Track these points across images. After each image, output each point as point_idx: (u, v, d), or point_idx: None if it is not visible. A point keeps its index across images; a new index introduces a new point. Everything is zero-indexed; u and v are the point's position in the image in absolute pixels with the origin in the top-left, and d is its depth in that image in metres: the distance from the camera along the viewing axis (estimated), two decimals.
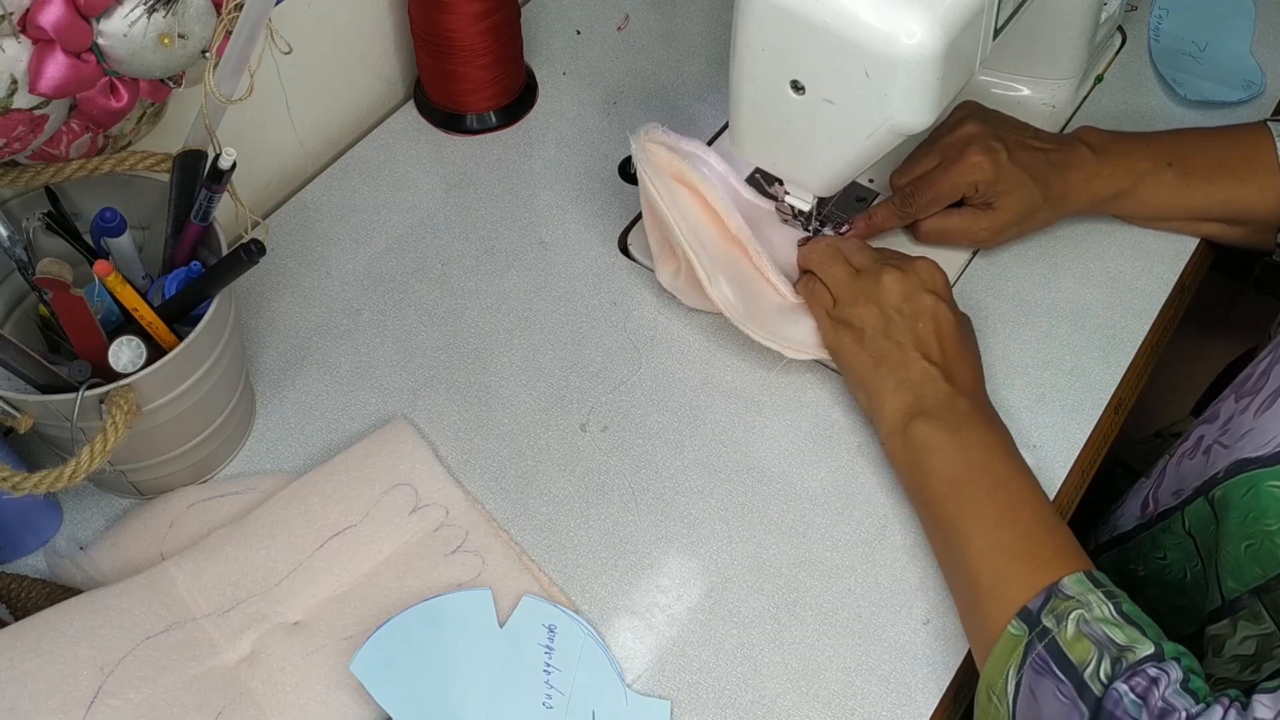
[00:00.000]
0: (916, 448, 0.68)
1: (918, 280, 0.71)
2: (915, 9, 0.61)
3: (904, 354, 0.70)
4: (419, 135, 0.91)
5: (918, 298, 0.71)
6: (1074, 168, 0.79)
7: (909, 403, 0.69)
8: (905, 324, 0.70)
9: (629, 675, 0.65)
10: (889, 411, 0.70)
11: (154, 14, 0.56)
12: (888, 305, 0.71)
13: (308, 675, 0.62)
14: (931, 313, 0.70)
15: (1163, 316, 0.81)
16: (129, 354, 0.60)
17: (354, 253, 0.83)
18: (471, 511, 0.70)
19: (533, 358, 0.78)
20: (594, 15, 1.00)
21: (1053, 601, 0.59)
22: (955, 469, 0.66)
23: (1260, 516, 0.62)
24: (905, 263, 0.72)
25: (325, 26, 0.84)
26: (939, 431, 0.67)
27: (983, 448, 0.66)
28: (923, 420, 0.68)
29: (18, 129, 0.56)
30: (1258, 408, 0.65)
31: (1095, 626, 0.57)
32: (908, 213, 0.79)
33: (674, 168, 0.75)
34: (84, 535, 0.69)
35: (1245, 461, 0.63)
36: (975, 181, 0.76)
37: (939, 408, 0.68)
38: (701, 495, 0.72)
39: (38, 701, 0.58)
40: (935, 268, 0.72)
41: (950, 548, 0.66)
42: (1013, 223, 0.78)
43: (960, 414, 0.67)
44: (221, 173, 0.62)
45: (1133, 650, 0.56)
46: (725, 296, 0.74)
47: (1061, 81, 0.89)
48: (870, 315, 0.71)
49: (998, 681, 0.60)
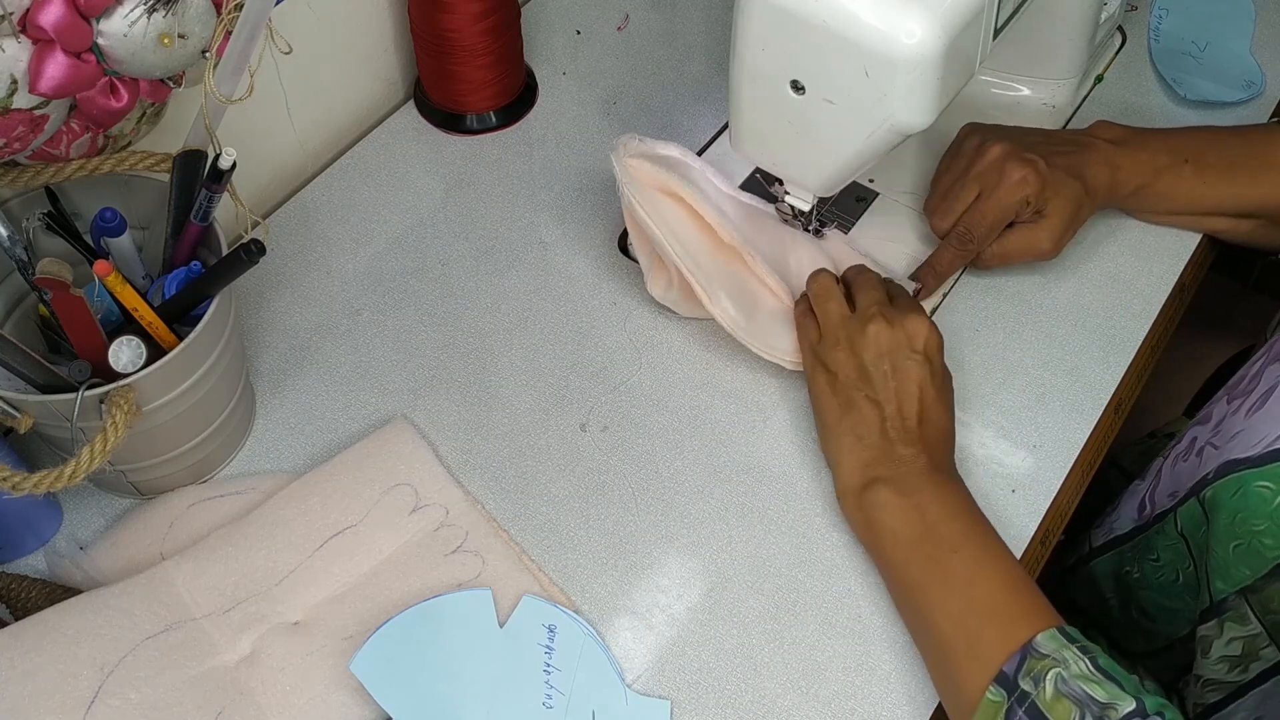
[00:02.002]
0: (872, 509, 0.66)
1: (904, 337, 0.69)
2: (915, 9, 0.61)
3: (870, 410, 0.68)
4: (419, 135, 0.91)
5: (898, 355, 0.68)
6: (1099, 162, 0.79)
7: (865, 462, 0.67)
8: (879, 380, 0.68)
9: (629, 675, 0.65)
10: (846, 467, 0.69)
11: (154, 14, 0.56)
12: (866, 357, 0.69)
13: (308, 675, 0.62)
14: (909, 374, 0.68)
15: (1163, 316, 0.81)
16: (129, 354, 0.60)
17: (354, 253, 0.83)
18: (471, 511, 0.70)
19: (533, 358, 0.78)
20: (594, 15, 1.00)
21: (1029, 662, 0.58)
22: (914, 531, 0.64)
23: (1249, 517, 0.62)
24: (898, 317, 0.70)
25: (325, 26, 0.84)
26: (894, 495, 0.65)
27: (942, 507, 0.65)
28: (879, 484, 0.66)
29: (18, 129, 0.56)
30: (1249, 409, 0.65)
31: (1074, 684, 0.56)
32: (970, 249, 0.78)
33: (658, 180, 0.74)
34: (84, 535, 0.69)
35: (1235, 462, 0.63)
36: (1026, 196, 0.76)
37: (895, 471, 0.66)
38: (701, 495, 0.72)
39: (38, 701, 0.58)
40: (928, 327, 0.70)
41: (917, 612, 0.64)
42: (1068, 224, 0.78)
43: (917, 474, 0.66)
44: (221, 173, 0.62)
45: (1115, 708, 0.55)
46: (727, 312, 0.74)
47: (1061, 81, 0.90)
48: (847, 362, 0.69)
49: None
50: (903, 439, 0.67)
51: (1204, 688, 0.69)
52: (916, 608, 0.64)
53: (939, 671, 0.63)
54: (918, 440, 0.67)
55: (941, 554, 0.63)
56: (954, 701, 0.61)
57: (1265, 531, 0.61)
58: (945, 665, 0.62)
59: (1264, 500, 0.61)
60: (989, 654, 0.59)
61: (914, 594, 0.64)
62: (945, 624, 0.61)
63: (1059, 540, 0.76)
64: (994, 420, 0.75)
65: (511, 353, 0.78)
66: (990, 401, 0.76)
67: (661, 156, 0.76)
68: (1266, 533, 0.61)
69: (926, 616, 0.63)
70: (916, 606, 0.64)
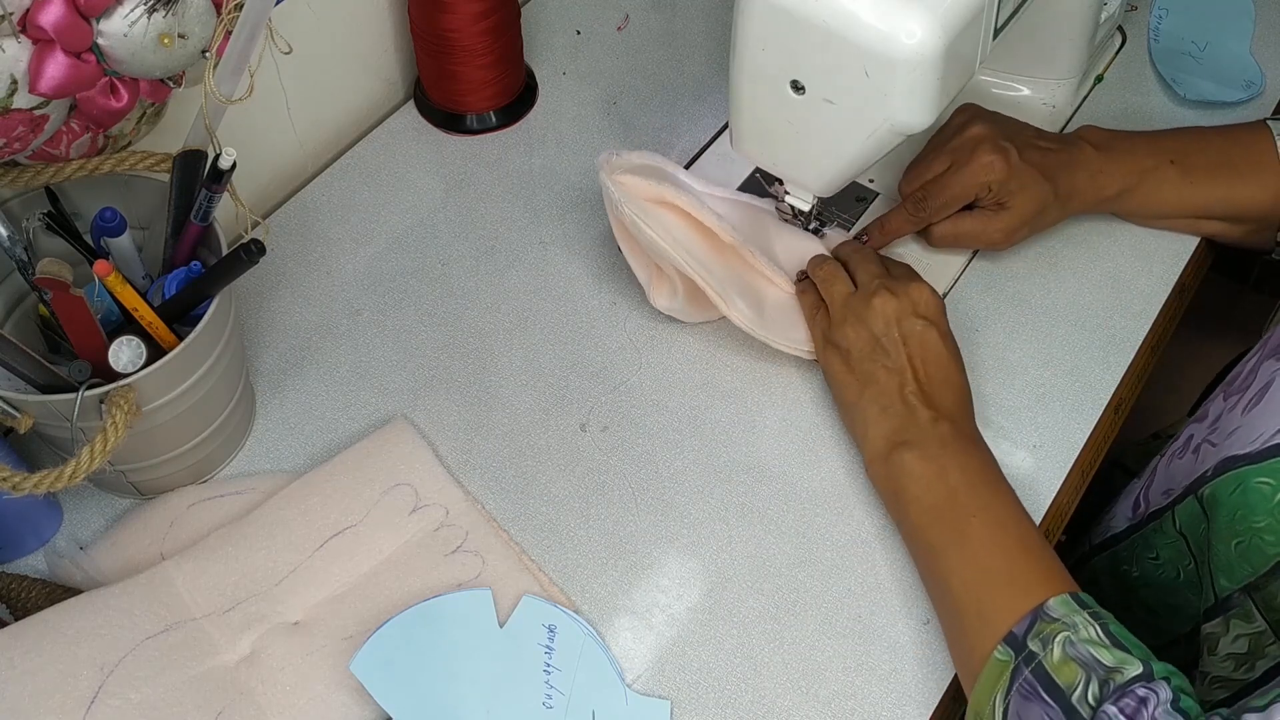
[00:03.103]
0: (897, 475, 0.67)
1: (909, 303, 0.71)
2: (915, 9, 0.61)
3: (888, 379, 0.69)
4: (419, 135, 0.91)
5: (907, 322, 0.70)
6: (1079, 165, 0.79)
7: (891, 430, 0.69)
8: (892, 348, 0.70)
9: (629, 675, 0.65)
10: (872, 438, 0.70)
11: (154, 14, 0.56)
12: (876, 328, 0.70)
13: (308, 675, 0.62)
14: (919, 338, 0.70)
15: (1163, 316, 0.81)
16: (129, 354, 0.60)
17: (354, 253, 0.83)
18: (471, 511, 0.70)
19: (533, 358, 0.78)
20: (594, 15, 1.00)
21: (1038, 625, 0.59)
22: (936, 496, 0.65)
23: (1249, 514, 0.62)
24: (900, 285, 0.71)
25: (325, 26, 0.84)
26: (919, 460, 0.67)
27: (962, 473, 0.66)
28: (904, 449, 0.67)
29: (18, 129, 0.56)
30: (1245, 405, 0.65)
31: (1082, 648, 0.57)
32: (921, 217, 0.79)
33: (649, 192, 0.74)
34: (84, 535, 0.69)
35: (1233, 459, 0.63)
36: (989, 181, 0.76)
37: (920, 436, 0.67)
38: (701, 495, 0.72)
39: (38, 701, 0.58)
40: (930, 292, 0.71)
41: (935, 576, 0.65)
42: (1026, 221, 0.78)
43: (941, 440, 0.67)
44: (221, 173, 0.62)
45: (1120, 671, 0.55)
46: (743, 313, 0.74)
47: (1061, 81, 0.90)
48: (858, 337, 0.71)
49: (985, 708, 0.59)
50: (924, 401, 0.68)
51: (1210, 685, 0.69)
52: (935, 572, 0.65)
53: (952, 633, 0.64)
54: (937, 403, 0.68)
55: (960, 519, 0.64)
56: (965, 662, 0.62)
57: (1266, 528, 0.61)
58: (959, 627, 0.63)
59: (1264, 497, 0.61)
60: (999, 618, 0.60)
61: (933, 558, 0.65)
62: (960, 588, 0.63)
63: (1060, 540, 0.76)
64: (994, 420, 0.75)
65: (511, 353, 0.78)
66: (990, 401, 0.76)
67: (641, 166, 0.76)
68: (1267, 529, 0.61)
69: (944, 581, 0.64)
70: (935, 571, 0.65)
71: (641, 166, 0.76)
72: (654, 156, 0.77)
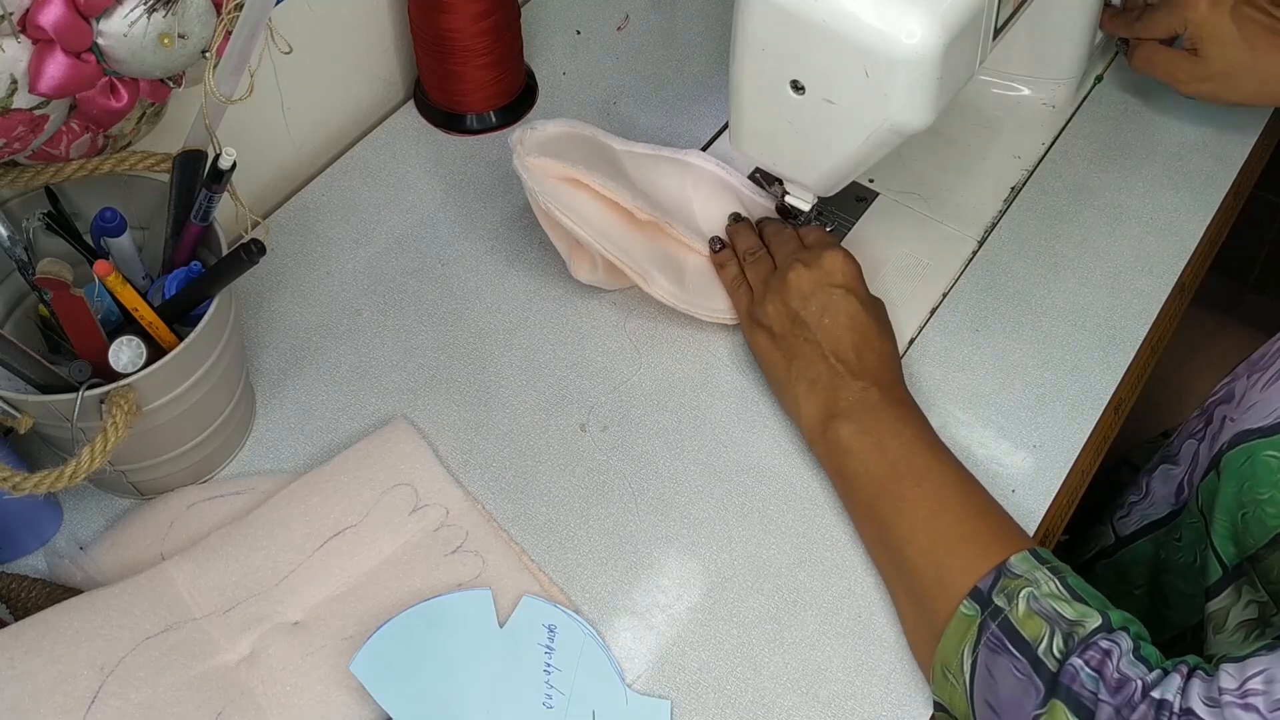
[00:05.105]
0: (836, 454, 0.68)
1: (822, 274, 0.71)
2: (915, 9, 0.61)
3: (812, 351, 0.70)
4: (419, 135, 0.91)
5: (823, 293, 0.71)
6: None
7: (822, 404, 0.69)
8: (811, 320, 0.70)
9: (629, 675, 0.65)
10: (806, 414, 0.70)
11: (154, 14, 0.56)
12: (794, 303, 0.71)
13: (308, 675, 0.62)
14: (837, 307, 0.70)
15: (1163, 316, 0.81)
16: (129, 354, 0.60)
17: (354, 253, 0.83)
18: (471, 511, 0.70)
19: (533, 358, 0.78)
20: (594, 15, 1.00)
21: (1002, 580, 0.59)
22: (878, 469, 0.66)
23: (1255, 485, 0.62)
24: (813, 256, 0.72)
25: (325, 26, 0.84)
26: (856, 434, 0.67)
27: (899, 442, 0.66)
28: (838, 421, 0.68)
29: (18, 129, 0.56)
30: (1265, 382, 0.65)
31: (1045, 603, 0.58)
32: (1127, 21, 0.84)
33: (562, 172, 0.75)
34: (84, 535, 0.69)
35: (1246, 432, 0.64)
36: (1187, 18, 0.78)
37: (850, 406, 0.68)
38: (701, 495, 0.72)
39: (38, 701, 0.58)
40: (844, 259, 0.72)
41: (885, 546, 0.66)
42: (1212, 76, 0.79)
43: (872, 408, 0.67)
44: (221, 173, 0.62)
45: (1082, 625, 0.57)
46: (664, 288, 0.75)
47: (1061, 81, 0.90)
48: (778, 314, 0.72)
49: (953, 660, 0.60)
50: (849, 370, 0.69)
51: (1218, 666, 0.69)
52: (885, 543, 0.65)
53: (909, 607, 0.64)
54: (864, 371, 0.69)
55: (905, 489, 0.65)
56: (926, 631, 0.63)
57: (1269, 500, 0.61)
58: (918, 596, 0.63)
59: (1270, 469, 0.61)
60: (957, 581, 0.61)
61: (882, 530, 0.65)
62: (916, 557, 0.63)
63: (1061, 540, 0.76)
64: (994, 420, 0.75)
65: (511, 353, 0.78)
66: (990, 401, 0.76)
67: (559, 135, 0.76)
68: (1269, 501, 0.61)
69: (897, 551, 0.64)
70: (885, 542, 0.65)
71: (559, 136, 0.76)
72: (571, 123, 0.78)
